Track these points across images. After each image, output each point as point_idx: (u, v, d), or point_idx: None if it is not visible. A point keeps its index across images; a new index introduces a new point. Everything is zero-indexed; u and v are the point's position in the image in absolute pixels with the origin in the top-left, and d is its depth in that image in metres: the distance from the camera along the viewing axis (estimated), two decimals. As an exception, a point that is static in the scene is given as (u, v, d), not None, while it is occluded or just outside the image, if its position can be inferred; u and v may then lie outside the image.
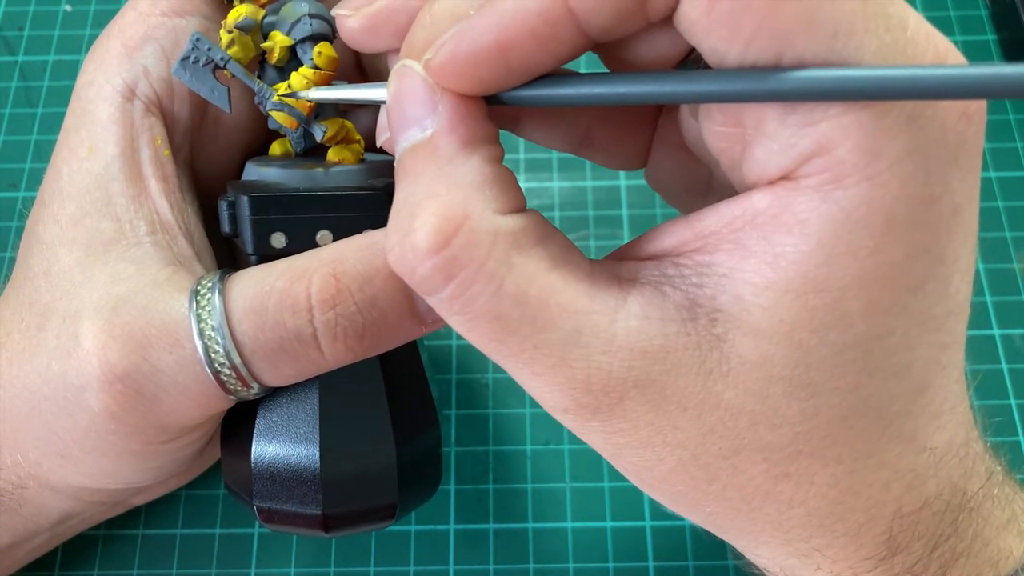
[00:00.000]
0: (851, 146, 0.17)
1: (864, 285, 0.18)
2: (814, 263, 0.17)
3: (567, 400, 0.19)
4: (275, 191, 0.24)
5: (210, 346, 0.22)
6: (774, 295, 0.18)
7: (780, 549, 0.21)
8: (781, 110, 0.17)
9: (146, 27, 0.25)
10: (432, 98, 0.19)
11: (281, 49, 0.25)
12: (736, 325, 0.18)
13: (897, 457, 0.19)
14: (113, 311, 0.23)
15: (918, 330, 0.18)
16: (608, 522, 0.34)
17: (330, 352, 0.23)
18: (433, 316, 0.24)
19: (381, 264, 0.23)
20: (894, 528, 0.20)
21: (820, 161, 0.17)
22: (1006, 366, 0.36)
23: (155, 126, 0.25)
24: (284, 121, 0.25)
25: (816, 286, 0.18)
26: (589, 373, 0.19)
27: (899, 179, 0.17)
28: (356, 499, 0.25)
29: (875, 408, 0.19)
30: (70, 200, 0.25)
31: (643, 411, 0.19)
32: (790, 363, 0.18)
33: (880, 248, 0.17)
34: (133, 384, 0.23)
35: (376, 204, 0.24)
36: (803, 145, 0.17)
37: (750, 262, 0.18)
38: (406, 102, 0.19)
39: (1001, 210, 0.39)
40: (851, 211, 0.17)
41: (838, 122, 0.17)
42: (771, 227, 0.18)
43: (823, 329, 0.18)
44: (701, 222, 0.19)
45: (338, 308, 0.22)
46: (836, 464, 0.19)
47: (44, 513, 0.27)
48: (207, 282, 0.23)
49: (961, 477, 0.20)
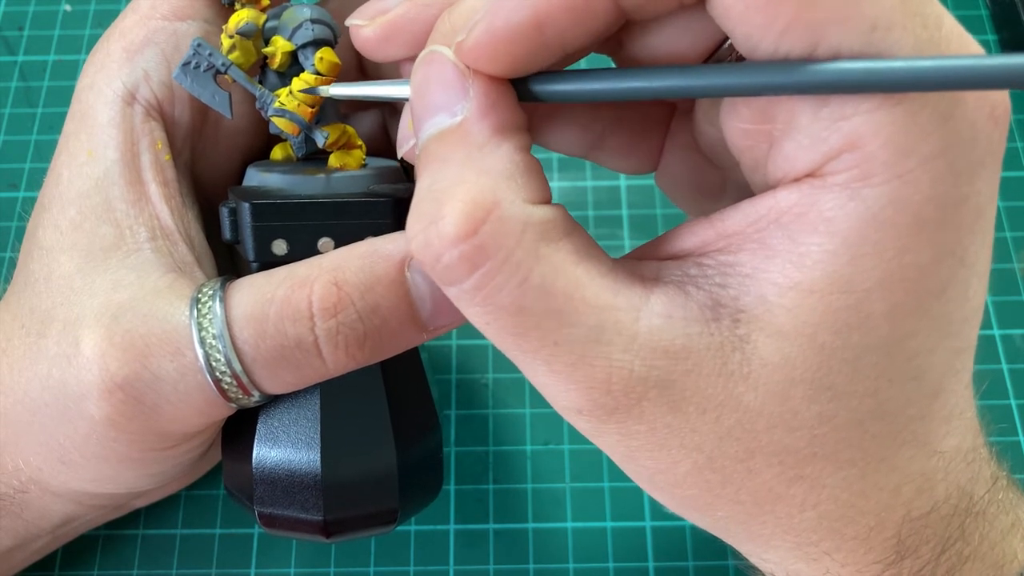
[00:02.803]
0: (882, 142, 0.16)
1: (889, 287, 0.17)
2: (839, 263, 0.17)
3: (584, 400, 0.19)
4: (277, 197, 0.23)
5: (211, 354, 0.22)
6: (798, 296, 0.18)
7: (789, 553, 0.21)
8: (814, 103, 0.17)
9: (147, 31, 0.25)
10: (463, 83, 0.19)
11: (283, 54, 0.25)
12: (759, 326, 0.18)
13: (909, 461, 0.19)
14: (114, 319, 0.23)
15: (938, 334, 0.18)
16: (608, 522, 0.34)
17: (331, 360, 0.23)
18: (435, 323, 0.23)
19: (383, 272, 0.22)
20: (903, 532, 0.20)
21: (850, 157, 0.17)
22: (1006, 366, 0.36)
23: (155, 130, 0.25)
24: (285, 127, 0.25)
25: (841, 287, 0.17)
26: (610, 372, 0.18)
27: (929, 178, 0.17)
28: (357, 504, 0.25)
29: (892, 412, 0.19)
30: (70, 205, 0.24)
31: (662, 412, 0.19)
32: (812, 366, 0.18)
33: (907, 248, 0.17)
34: (133, 392, 0.23)
35: (379, 212, 0.24)
36: (834, 140, 0.17)
37: (775, 262, 0.18)
38: (434, 88, 0.19)
39: (1001, 210, 0.39)
40: (879, 210, 0.17)
41: (871, 117, 0.16)
42: (796, 225, 0.18)
43: (846, 331, 0.18)
44: (724, 222, 0.19)
45: (340, 316, 0.22)
46: (850, 467, 0.19)
47: (45, 517, 0.27)
48: (208, 290, 0.23)
49: (968, 481, 0.20)
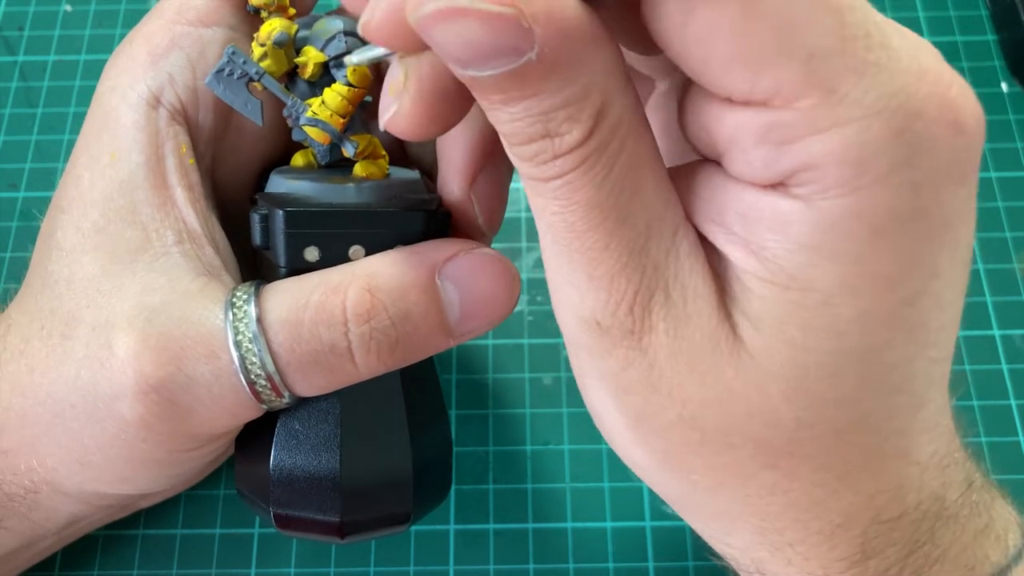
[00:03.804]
0: (835, 161, 0.16)
1: (853, 292, 0.18)
2: (798, 262, 0.18)
3: (607, 314, 0.19)
4: (310, 205, 0.24)
5: (246, 357, 0.23)
6: (765, 287, 0.18)
7: (753, 538, 0.21)
8: (756, 130, 0.17)
9: (172, 35, 0.25)
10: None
11: (315, 65, 0.25)
12: (740, 309, 0.19)
13: (889, 472, 0.20)
14: (148, 321, 0.23)
15: (916, 345, 0.19)
16: (608, 522, 0.34)
17: (363, 364, 0.23)
18: (462, 329, 0.24)
19: (414, 279, 0.23)
20: (869, 533, 0.20)
21: (805, 175, 0.17)
22: (1006, 366, 0.36)
23: (180, 134, 0.25)
24: (318, 136, 0.25)
25: (802, 284, 0.18)
26: (640, 287, 0.19)
27: (886, 192, 0.17)
28: (373, 507, 0.26)
29: (875, 425, 0.19)
30: (92, 207, 0.24)
31: (663, 354, 0.19)
32: (786, 361, 0.18)
33: (866, 257, 0.17)
34: (167, 394, 0.23)
35: (411, 223, 0.24)
36: (785, 162, 0.17)
37: (746, 254, 0.18)
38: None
39: (1001, 210, 0.40)
40: (835, 219, 0.17)
41: (821, 138, 0.16)
42: (759, 223, 0.18)
43: (817, 332, 0.18)
44: (708, 205, 0.19)
45: (372, 322, 0.23)
46: (826, 471, 0.19)
47: (52, 518, 0.27)
48: (242, 294, 0.23)
49: (941, 486, 0.21)
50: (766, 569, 0.22)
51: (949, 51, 0.43)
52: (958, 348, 0.37)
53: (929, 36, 0.43)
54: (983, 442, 0.35)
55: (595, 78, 0.17)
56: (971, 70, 0.43)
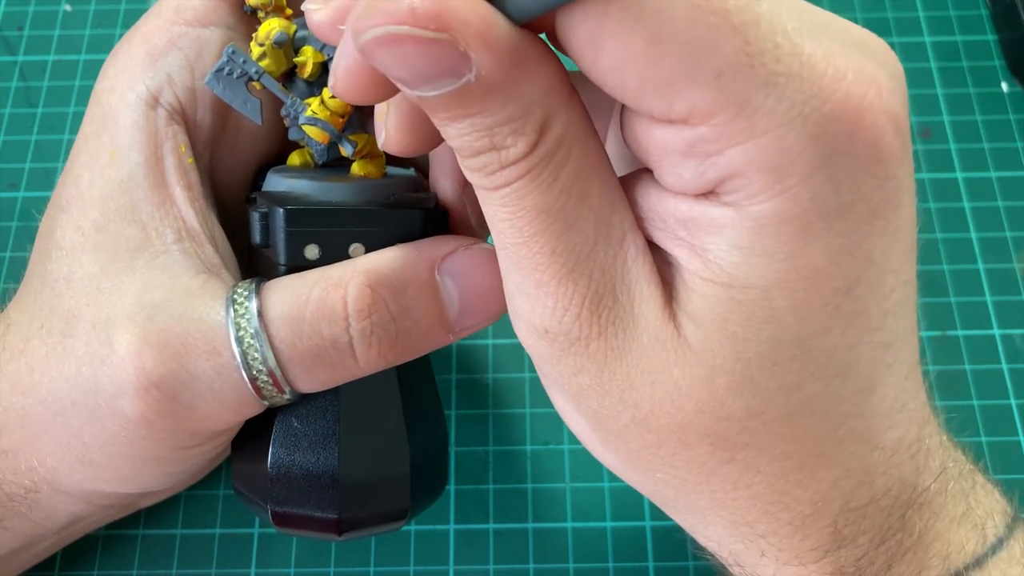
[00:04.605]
0: (757, 169, 0.17)
1: (788, 285, 0.18)
2: (734, 261, 0.18)
3: (554, 320, 0.20)
4: (310, 204, 0.24)
5: (248, 353, 0.23)
6: (706, 286, 0.19)
7: (726, 531, 0.22)
8: (683, 145, 0.17)
9: (170, 35, 0.26)
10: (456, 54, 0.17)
11: (314, 65, 0.25)
12: (684, 309, 0.19)
13: (849, 456, 0.20)
14: (148, 318, 0.23)
15: (856, 330, 0.19)
16: (608, 522, 0.34)
17: (364, 360, 0.24)
18: (461, 325, 0.24)
19: (414, 274, 0.23)
20: (839, 522, 0.20)
21: (731, 184, 0.18)
22: (1006, 366, 0.36)
23: (179, 134, 0.25)
24: (317, 135, 0.25)
25: (740, 282, 0.18)
26: (588, 292, 0.19)
27: (808, 192, 0.17)
28: (371, 504, 0.26)
29: (823, 409, 0.19)
30: (92, 206, 0.25)
31: (611, 358, 0.20)
32: (729, 356, 0.19)
33: (796, 252, 0.18)
34: (169, 391, 0.23)
35: (410, 221, 0.24)
36: (711, 173, 0.18)
37: (689, 255, 0.19)
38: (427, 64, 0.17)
39: (1001, 210, 0.39)
40: (763, 222, 0.18)
41: (740, 150, 0.17)
42: (696, 227, 0.19)
43: (756, 324, 0.19)
44: (659, 206, 0.20)
45: (373, 317, 0.23)
46: (784, 460, 0.20)
47: (53, 517, 0.27)
48: (243, 290, 0.24)
49: (912, 473, 0.21)
50: (743, 561, 0.22)
51: (949, 51, 0.43)
52: (958, 348, 0.37)
53: (929, 36, 0.43)
54: (983, 442, 0.35)
55: (536, 96, 0.18)
56: (971, 70, 0.43)
